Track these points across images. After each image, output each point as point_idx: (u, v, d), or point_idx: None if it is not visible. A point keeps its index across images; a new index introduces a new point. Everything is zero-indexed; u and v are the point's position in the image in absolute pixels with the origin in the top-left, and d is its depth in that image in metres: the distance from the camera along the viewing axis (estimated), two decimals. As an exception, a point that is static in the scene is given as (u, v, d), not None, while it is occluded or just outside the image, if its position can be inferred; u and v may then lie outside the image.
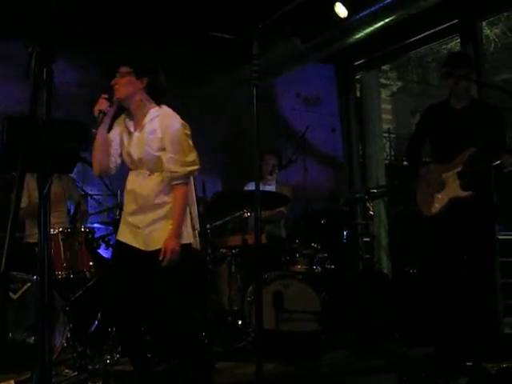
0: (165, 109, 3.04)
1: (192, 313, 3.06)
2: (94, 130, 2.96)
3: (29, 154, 1.64)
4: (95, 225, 4.47)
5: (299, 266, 4.42)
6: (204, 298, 4.03)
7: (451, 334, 3.53)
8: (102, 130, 3.00)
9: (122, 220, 3.14)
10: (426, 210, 3.71)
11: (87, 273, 3.96)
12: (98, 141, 3.02)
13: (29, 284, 3.69)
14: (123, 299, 2.98)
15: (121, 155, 3.10)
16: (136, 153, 2.99)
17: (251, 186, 4.90)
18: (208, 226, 4.04)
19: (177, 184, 2.94)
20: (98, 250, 4.25)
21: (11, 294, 3.68)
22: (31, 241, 4.20)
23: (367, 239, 5.74)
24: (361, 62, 6.53)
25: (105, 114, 2.96)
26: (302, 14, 4.92)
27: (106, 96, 2.96)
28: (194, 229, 3.05)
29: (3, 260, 1.51)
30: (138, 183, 2.99)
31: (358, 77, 6.76)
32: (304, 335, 4.10)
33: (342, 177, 6.63)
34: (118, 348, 3.91)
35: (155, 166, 2.96)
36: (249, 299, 4.18)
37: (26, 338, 3.64)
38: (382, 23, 4.68)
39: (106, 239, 4.13)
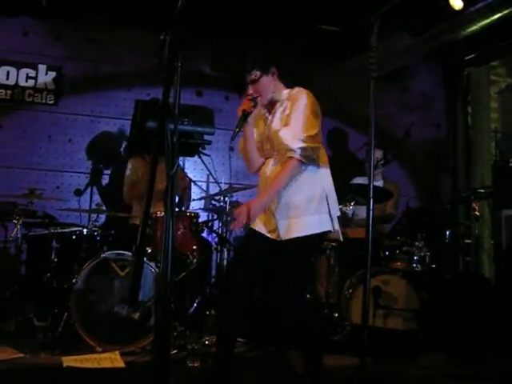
0: (296, 88, 2.98)
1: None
2: (236, 130, 2.86)
3: (159, 137, 1.71)
4: (198, 211, 4.61)
5: (399, 263, 4.34)
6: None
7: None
8: (249, 130, 2.96)
9: None
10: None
11: (190, 256, 4.08)
12: (247, 141, 2.99)
13: (136, 263, 3.85)
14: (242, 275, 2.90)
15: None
16: (269, 137, 2.94)
17: (357, 181, 4.90)
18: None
19: (289, 157, 2.80)
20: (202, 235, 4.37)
21: (119, 270, 3.89)
22: (138, 222, 4.39)
23: (469, 241, 5.54)
24: (471, 57, 6.29)
25: (249, 115, 2.89)
26: (413, 7, 4.80)
27: (250, 97, 2.91)
28: (331, 215, 2.89)
29: (139, 234, 1.59)
30: (270, 170, 2.93)
31: (466, 72, 6.50)
32: (401, 333, 4.03)
33: (446, 175, 6.43)
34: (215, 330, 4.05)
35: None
36: (346, 293, 4.15)
37: (131, 314, 3.82)
38: (499, 15, 4.48)
39: (210, 224, 4.24)
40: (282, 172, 2.83)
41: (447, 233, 4.70)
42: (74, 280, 3.84)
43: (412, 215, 4.66)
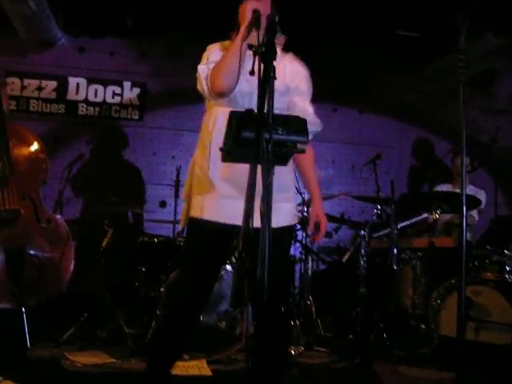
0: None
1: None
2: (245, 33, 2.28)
3: (255, 146, 1.74)
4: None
5: (489, 274, 4.16)
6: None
7: None
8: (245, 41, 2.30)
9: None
10: None
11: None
12: (237, 52, 2.28)
13: (223, 272, 3.92)
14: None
15: None
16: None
17: (441, 188, 4.79)
18: (395, 226, 3.99)
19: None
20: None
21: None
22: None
23: None
24: (561, 56, 5.99)
25: (259, 19, 2.22)
26: (500, 6, 4.64)
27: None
28: None
29: (240, 239, 1.63)
30: None
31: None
32: (495, 347, 3.85)
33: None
34: (300, 340, 4.05)
35: (283, 104, 2.50)
36: (434, 304, 4.03)
37: (218, 323, 3.88)
38: None
39: (294, 235, 4.24)
40: (313, 164, 2.69)
41: (543, 242, 4.47)
42: (161, 289, 3.94)
43: (502, 223, 4.49)
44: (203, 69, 2.48)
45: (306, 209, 4.36)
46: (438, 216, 4.17)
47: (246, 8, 2.34)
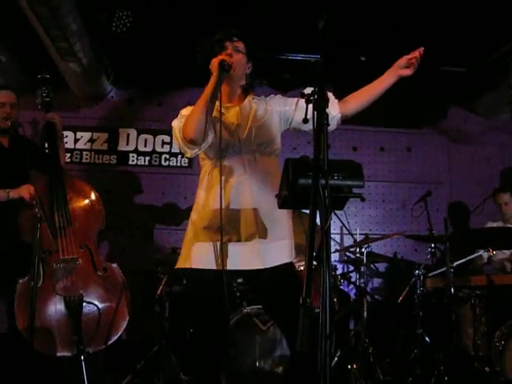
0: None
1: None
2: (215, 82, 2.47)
3: (312, 193, 1.76)
4: (333, 263, 4.60)
5: (555, 311, 4.00)
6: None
7: None
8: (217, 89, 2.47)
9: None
10: None
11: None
12: (209, 101, 2.48)
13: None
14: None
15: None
16: (254, 127, 2.62)
17: (492, 225, 4.70)
18: (450, 264, 3.91)
19: None
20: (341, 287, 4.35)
21: (261, 325, 3.93)
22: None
23: None
24: None
25: (229, 68, 2.49)
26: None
27: (229, 56, 2.55)
28: None
29: (304, 287, 1.64)
30: (266, 168, 2.61)
31: None
32: None
33: None
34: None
35: (269, 137, 2.67)
36: (498, 345, 3.88)
37: (274, 368, 3.84)
38: None
39: (348, 276, 4.21)
40: (356, 94, 2.79)
41: None
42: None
43: None
44: (177, 123, 2.66)
45: (357, 249, 4.32)
46: (494, 253, 4.07)
47: (214, 61, 2.52)
